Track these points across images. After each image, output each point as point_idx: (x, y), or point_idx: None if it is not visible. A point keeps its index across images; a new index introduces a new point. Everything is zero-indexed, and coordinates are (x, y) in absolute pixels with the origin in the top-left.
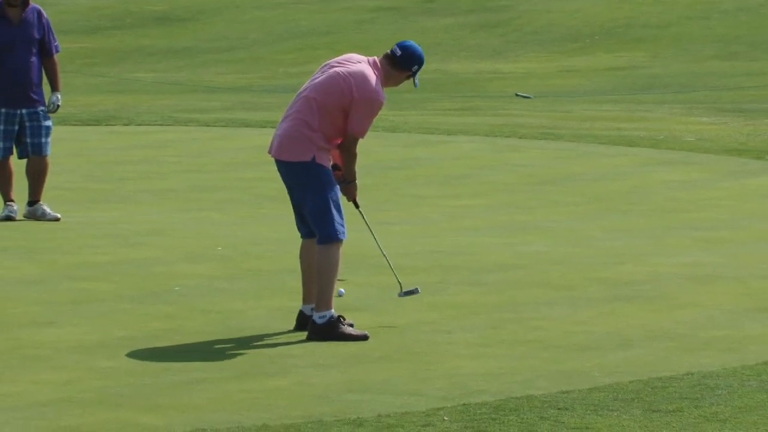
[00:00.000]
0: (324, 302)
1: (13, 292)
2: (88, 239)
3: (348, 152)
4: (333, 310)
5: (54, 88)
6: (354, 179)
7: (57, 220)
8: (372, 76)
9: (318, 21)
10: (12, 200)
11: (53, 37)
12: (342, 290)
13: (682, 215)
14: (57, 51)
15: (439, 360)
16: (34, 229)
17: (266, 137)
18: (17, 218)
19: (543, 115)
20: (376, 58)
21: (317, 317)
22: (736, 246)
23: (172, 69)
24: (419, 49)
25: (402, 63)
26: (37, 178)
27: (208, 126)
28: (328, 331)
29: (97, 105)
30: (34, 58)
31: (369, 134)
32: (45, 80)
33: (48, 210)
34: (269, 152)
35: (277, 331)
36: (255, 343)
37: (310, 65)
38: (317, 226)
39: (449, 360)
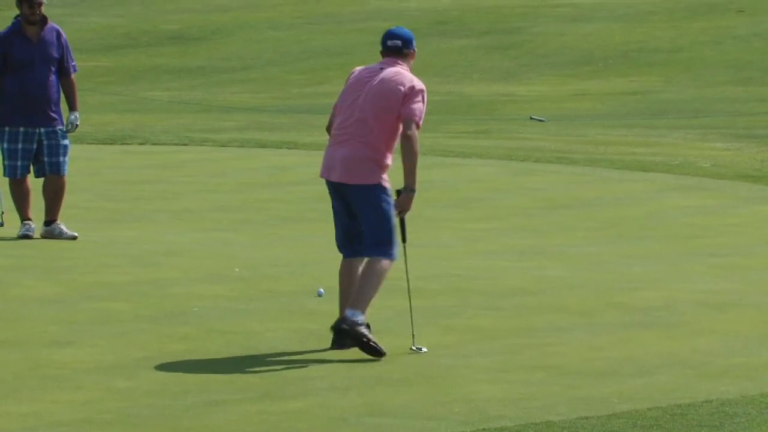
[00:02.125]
0: (362, 304)
1: (31, 312)
2: (106, 258)
3: (408, 143)
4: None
5: (72, 107)
6: (414, 188)
7: (74, 239)
8: (406, 71)
9: (331, 42)
10: (29, 219)
11: (71, 56)
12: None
13: (698, 241)
14: (74, 71)
15: (457, 384)
16: (51, 248)
17: (281, 158)
18: (34, 236)
19: (557, 138)
20: (385, 62)
21: (351, 313)
22: (753, 273)
23: (187, 88)
24: (396, 29)
25: (410, 47)
26: (54, 197)
27: (223, 146)
28: (356, 329)
29: (113, 124)
30: (52, 77)
31: None
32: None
33: (65, 229)
34: (327, 177)
35: (296, 353)
36: (274, 365)
37: (324, 86)
38: (378, 245)
39: (468, 384)
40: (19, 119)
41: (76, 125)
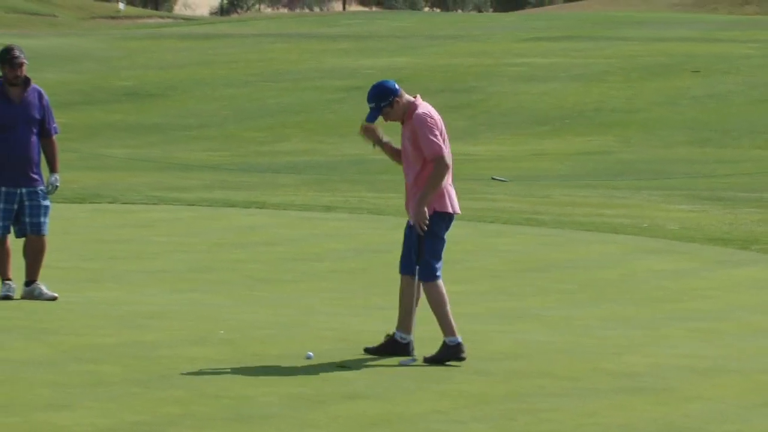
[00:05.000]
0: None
1: (24, 374)
2: (90, 320)
3: None
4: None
5: (52, 169)
6: None
7: (54, 299)
8: None
9: (288, 99)
10: (10, 279)
11: (52, 118)
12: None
13: (674, 305)
14: (56, 132)
15: None
16: (33, 309)
17: (251, 217)
18: (15, 297)
19: (522, 200)
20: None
21: (449, 340)
22: (733, 338)
23: (144, 145)
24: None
25: None
26: (35, 257)
27: (192, 205)
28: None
29: (76, 181)
30: (34, 138)
31: (353, 217)
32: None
33: (45, 289)
34: (455, 211)
35: (289, 418)
36: (269, 431)
37: (281, 144)
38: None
39: None
40: (1, 179)
41: (57, 186)
